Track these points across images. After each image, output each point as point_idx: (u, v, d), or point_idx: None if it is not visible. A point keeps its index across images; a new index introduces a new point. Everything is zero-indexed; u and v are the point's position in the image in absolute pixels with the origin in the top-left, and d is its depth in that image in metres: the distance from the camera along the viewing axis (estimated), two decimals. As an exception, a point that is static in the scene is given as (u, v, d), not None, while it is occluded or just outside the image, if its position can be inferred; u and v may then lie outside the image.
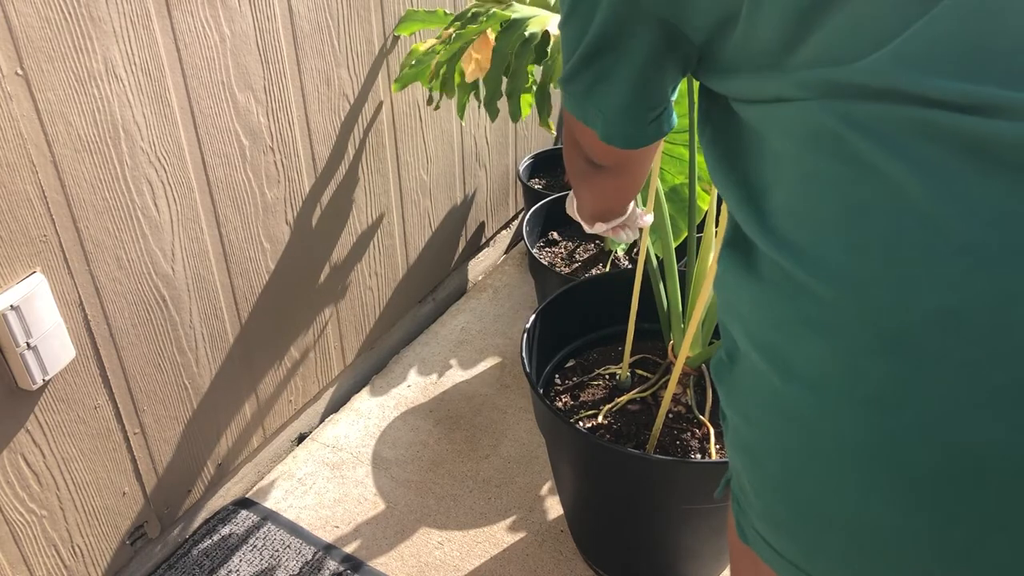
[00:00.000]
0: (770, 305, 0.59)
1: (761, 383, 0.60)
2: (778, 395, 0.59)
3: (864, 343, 0.53)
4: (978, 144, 0.49)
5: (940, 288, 0.50)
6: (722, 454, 1.35)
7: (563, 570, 1.55)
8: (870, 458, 0.54)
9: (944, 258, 0.50)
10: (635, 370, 1.50)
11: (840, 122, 0.53)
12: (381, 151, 1.78)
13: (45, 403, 1.24)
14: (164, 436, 1.46)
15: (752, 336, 0.61)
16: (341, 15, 1.55)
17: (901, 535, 0.54)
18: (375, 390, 1.96)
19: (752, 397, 0.62)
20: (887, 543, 0.55)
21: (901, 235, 0.51)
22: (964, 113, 0.49)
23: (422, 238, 2.02)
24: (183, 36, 1.27)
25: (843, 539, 0.57)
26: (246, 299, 1.54)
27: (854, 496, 0.55)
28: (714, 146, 0.68)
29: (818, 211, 0.55)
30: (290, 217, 1.58)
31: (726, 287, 0.65)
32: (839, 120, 0.53)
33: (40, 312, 1.17)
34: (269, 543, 1.58)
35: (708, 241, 1.33)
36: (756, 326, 0.61)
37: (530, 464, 1.75)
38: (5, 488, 1.22)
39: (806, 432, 0.57)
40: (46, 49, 1.09)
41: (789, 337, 0.57)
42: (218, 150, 1.38)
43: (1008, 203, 0.49)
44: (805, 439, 0.57)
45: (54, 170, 1.15)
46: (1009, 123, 0.48)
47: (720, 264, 0.66)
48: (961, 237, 0.49)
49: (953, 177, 0.50)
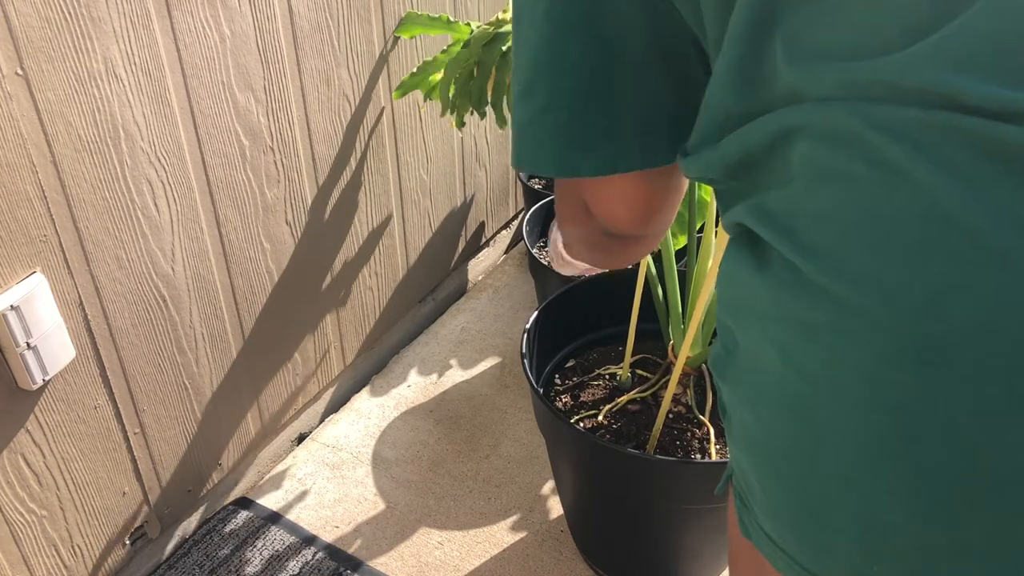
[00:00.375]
0: (783, 304, 0.57)
1: (771, 380, 0.59)
2: (791, 394, 0.57)
3: (889, 349, 0.52)
4: (1011, 152, 0.48)
5: (970, 296, 0.49)
6: (722, 454, 1.35)
7: (563, 570, 1.55)
8: (889, 462, 0.53)
9: (975, 266, 0.49)
10: (635, 370, 1.50)
11: (863, 124, 0.51)
12: (381, 151, 1.78)
13: (45, 403, 1.24)
14: (164, 436, 1.46)
15: (764, 332, 0.59)
16: (341, 15, 1.55)
17: (916, 540, 0.54)
18: (375, 390, 1.96)
19: (761, 393, 0.60)
20: (900, 547, 0.55)
21: (930, 241, 0.50)
22: (998, 120, 0.47)
23: (422, 238, 2.02)
24: (183, 36, 1.27)
25: (853, 541, 0.57)
26: (246, 299, 1.54)
27: (869, 498, 0.55)
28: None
29: (838, 213, 0.53)
30: (290, 217, 1.58)
31: (733, 283, 0.63)
32: (862, 121, 0.51)
33: (40, 312, 1.17)
34: (269, 543, 1.58)
35: (708, 241, 1.33)
36: (767, 323, 0.59)
37: (530, 464, 1.75)
38: (5, 488, 1.22)
39: (821, 432, 0.56)
40: (46, 49, 1.09)
41: (804, 338, 0.56)
42: (218, 150, 1.38)
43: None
44: (819, 439, 0.56)
45: (54, 170, 1.15)
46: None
47: (727, 258, 0.63)
48: (993, 244, 0.48)
49: (985, 184, 0.49)
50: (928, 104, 0.49)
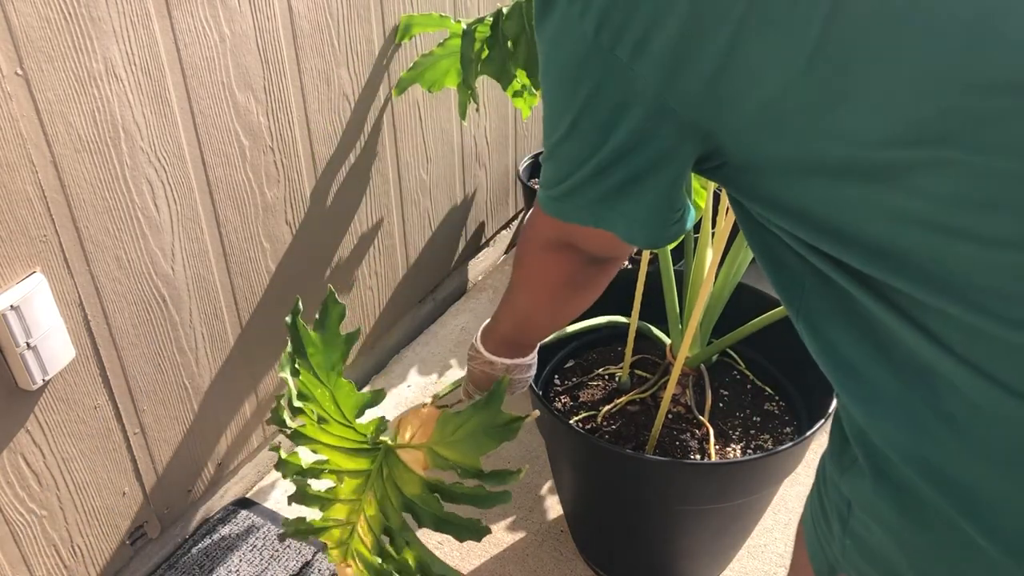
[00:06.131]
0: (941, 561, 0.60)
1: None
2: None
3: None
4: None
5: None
6: (721, 454, 1.35)
7: (563, 570, 1.55)
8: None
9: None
10: (634, 370, 1.50)
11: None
12: (381, 151, 1.78)
13: (45, 403, 1.24)
14: (164, 436, 1.46)
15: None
16: (341, 15, 1.55)
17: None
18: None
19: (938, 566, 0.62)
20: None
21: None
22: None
23: (422, 238, 2.02)
24: (183, 36, 1.27)
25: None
26: (246, 299, 1.54)
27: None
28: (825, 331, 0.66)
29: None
30: (290, 217, 1.58)
31: (877, 529, 0.64)
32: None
33: (40, 312, 1.17)
34: (269, 543, 1.58)
35: (705, 241, 1.33)
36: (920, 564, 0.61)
37: (530, 464, 1.75)
38: (5, 488, 1.22)
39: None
40: (46, 49, 1.09)
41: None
42: (218, 150, 1.38)
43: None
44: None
45: (54, 170, 1.15)
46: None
47: (870, 505, 0.64)
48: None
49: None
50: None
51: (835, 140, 0.54)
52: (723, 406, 1.44)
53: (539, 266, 0.86)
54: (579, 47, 0.60)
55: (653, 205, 0.68)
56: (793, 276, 0.65)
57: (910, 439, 0.59)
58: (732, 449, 1.36)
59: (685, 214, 0.71)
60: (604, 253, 0.80)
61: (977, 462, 0.56)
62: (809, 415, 1.38)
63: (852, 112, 0.52)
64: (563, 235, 0.78)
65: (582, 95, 0.62)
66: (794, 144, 0.56)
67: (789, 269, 0.65)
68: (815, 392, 1.37)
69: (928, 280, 0.55)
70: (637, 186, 0.66)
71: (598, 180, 0.66)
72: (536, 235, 0.83)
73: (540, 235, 0.82)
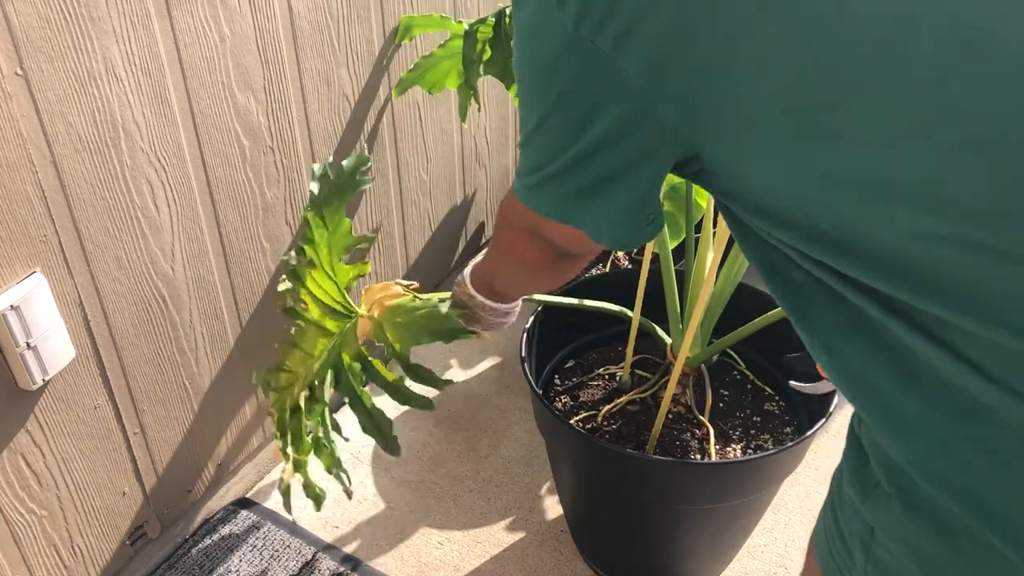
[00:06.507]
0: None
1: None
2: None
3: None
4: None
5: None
6: (721, 454, 1.35)
7: (563, 570, 1.55)
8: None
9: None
10: (634, 370, 1.50)
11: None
12: (381, 151, 1.78)
13: (45, 403, 1.24)
14: (164, 436, 1.46)
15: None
16: (341, 15, 1.55)
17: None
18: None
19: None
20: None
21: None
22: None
23: (422, 238, 2.02)
24: (183, 36, 1.27)
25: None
26: (246, 299, 1.54)
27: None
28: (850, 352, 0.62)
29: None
30: (290, 217, 1.58)
31: (902, 554, 0.62)
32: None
33: (40, 312, 1.17)
34: (269, 543, 1.58)
35: (706, 241, 1.33)
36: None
37: (530, 464, 1.75)
38: (5, 488, 1.22)
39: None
40: (46, 49, 1.09)
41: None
42: (218, 150, 1.38)
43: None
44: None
45: (54, 170, 1.15)
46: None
47: (892, 528, 0.63)
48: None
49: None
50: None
51: (835, 141, 0.52)
52: (723, 406, 1.44)
53: (511, 243, 0.84)
54: (557, 37, 0.58)
55: (626, 206, 0.66)
56: (801, 292, 0.63)
57: (939, 461, 0.57)
58: (732, 449, 1.36)
59: (657, 218, 0.69)
60: (571, 248, 0.78)
61: (1010, 482, 0.55)
62: (809, 415, 1.38)
63: (852, 112, 0.51)
64: (533, 224, 0.76)
65: (559, 86, 0.60)
66: (789, 149, 0.54)
67: (794, 284, 0.63)
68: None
69: (942, 294, 0.53)
70: (611, 185, 0.64)
71: (571, 175, 0.64)
72: (511, 216, 0.81)
73: (514, 218, 0.80)
